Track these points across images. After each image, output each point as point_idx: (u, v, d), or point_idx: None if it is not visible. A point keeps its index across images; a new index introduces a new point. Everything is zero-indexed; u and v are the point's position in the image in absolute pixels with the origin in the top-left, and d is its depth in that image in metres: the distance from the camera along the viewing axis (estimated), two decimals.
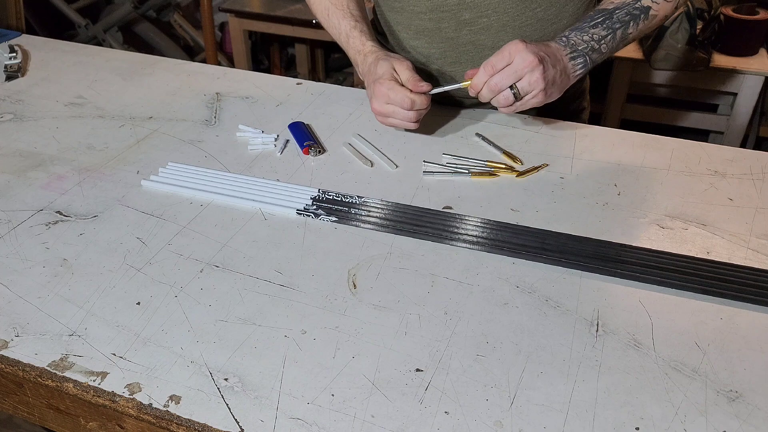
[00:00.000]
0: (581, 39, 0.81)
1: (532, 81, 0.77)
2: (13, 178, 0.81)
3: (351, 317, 0.61)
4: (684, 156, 0.86)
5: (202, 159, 0.85)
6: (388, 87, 0.83)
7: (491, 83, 0.79)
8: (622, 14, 0.82)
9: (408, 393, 0.53)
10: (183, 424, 0.51)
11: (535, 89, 0.78)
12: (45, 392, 0.57)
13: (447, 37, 0.93)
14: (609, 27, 0.81)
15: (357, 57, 0.93)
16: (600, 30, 0.81)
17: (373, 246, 0.70)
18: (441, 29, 0.93)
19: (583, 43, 0.80)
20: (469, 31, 0.92)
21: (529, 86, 0.78)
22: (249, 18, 2.40)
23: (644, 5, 0.82)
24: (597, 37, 0.81)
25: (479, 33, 0.91)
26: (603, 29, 0.81)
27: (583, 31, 0.81)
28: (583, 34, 0.81)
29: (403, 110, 0.84)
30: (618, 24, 0.81)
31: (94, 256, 0.68)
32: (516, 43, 0.77)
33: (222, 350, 0.57)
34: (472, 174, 0.81)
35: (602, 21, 0.81)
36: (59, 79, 1.07)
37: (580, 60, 0.80)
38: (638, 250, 0.69)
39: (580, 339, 0.59)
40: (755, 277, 0.65)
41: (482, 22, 0.90)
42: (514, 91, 0.78)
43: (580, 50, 0.80)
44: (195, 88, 1.04)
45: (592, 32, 0.81)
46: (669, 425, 0.51)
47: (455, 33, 0.92)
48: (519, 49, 0.77)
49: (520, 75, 0.77)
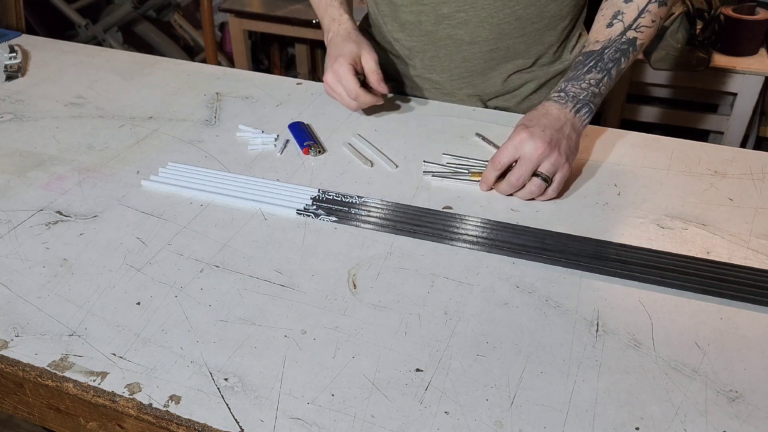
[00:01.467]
0: (579, 88, 0.80)
1: (553, 162, 0.75)
2: (13, 178, 0.81)
3: (351, 317, 0.61)
4: (684, 156, 0.86)
5: (202, 159, 0.85)
6: (345, 70, 0.88)
7: (511, 179, 0.76)
8: (611, 52, 0.81)
9: (408, 393, 0.53)
10: (183, 424, 0.51)
11: (559, 166, 0.76)
12: (45, 392, 0.57)
13: (426, 31, 0.95)
14: (603, 68, 0.81)
15: (331, 24, 0.96)
16: (595, 74, 0.81)
17: (373, 246, 0.70)
18: (421, 22, 0.94)
19: (582, 92, 0.80)
20: (447, 25, 0.93)
21: (553, 167, 0.75)
22: (249, 18, 2.40)
23: (630, 38, 0.82)
24: (594, 81, 0.80)
25: (457, 27, 0.92)
26: (598, 72, 0.81)
27: (579, 80, 0.81)
28: (581, 82, 0.80)
29: (347, 97, 0.90)
30: (611, 63, 0.81)
31: (94, 256, 0.68)
32: (520, 132, 0.76)
33: (222, 350, 0.57)
34: (472, 174, 0.81)
35: (595, 65, 0.81)
36: (59, 79, 1.07)
37: (585, 110, 0.79)
38: (638, 250, 0.69)
39: (580, 339, 0.59)
40: (755, 277, 0.65)
41: (460, 16, 0.91)
42: (543, 176, 0.75)
43: (582, 99, 0.79)
44: (195, 88, 1.04)
45: (588, 78, 0.81)
46: (669, 425, 0.51)
47: (434, 27, 0.94)
48: (524, 140, 0.75)
49: (537, 163, 0.75)
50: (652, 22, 0.83)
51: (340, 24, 0.95)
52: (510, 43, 0.93)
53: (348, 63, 0.88)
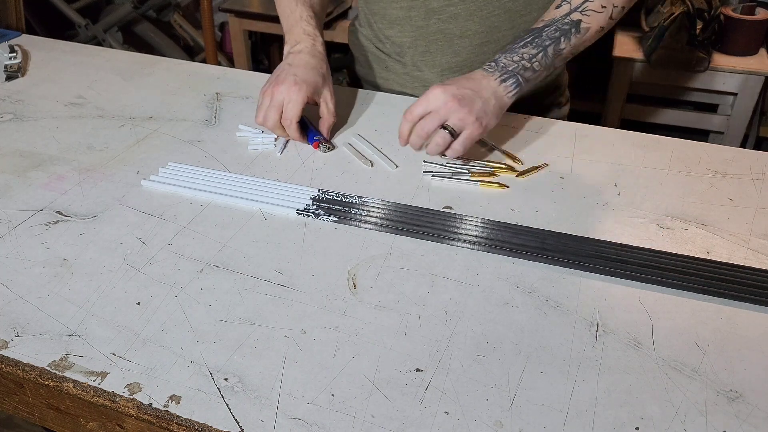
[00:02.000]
0: (511, 60, 0.81)
1: (461, 117, 0.77)
2: (13, 178, 0.81)
3: (351, 317, 0.61)
4: (684, 156, 0.86)
5: (202, 159, 0.85)
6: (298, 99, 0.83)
7: (417, 129, 0.79)
8: (551, 31, 0.82)
9: (408, 393, 0.53)
10: (183, 424, 0.51)
11: (467, 123, 0.78)
12: (45, 392, 0.57)
13: (417, 26, 0.95)
14: (539, 45, 0.81)
15: (303, 38, 0.90)
16: (530, 49, 0.82)
17: (373, 246, 0.70)
18: (411, 17, 0.95)
19: (513, 64, 0.81)
20: (437, 20, 0.93)
21: (460, 122, 0.77)
22: (249, 18, 2.40)
23: (574, 19, 0.82)
24: (527, 56, 0.81)
25: (447, 22, 0.93)
26: (533, 48, 0.81)
27: (512, 52, 0.82)
28: (513, 55, 0.82)
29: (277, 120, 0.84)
30: (548, 41, 0.82)
31: (94, 256, 0.68)
32: (433, 88, 0.78)
33: (222, 350, 0.57)
34: (472, 174, 0.81)
35: (531, 40, 0.82)
36: (59, 79, 1.07)
37: (512, 80, 0.80)
38: (638, 250, 0.69)
39: (580, 339, 0.59)
40: (755, 277, 0.65)
41: (450, 10, 0.92)
42: (449, 129, 0.78)
43: (511, 71, 0.81)
44: (195, 88, 1.04)
45: (522, 52, 0.82)
46: (669, 425, 0.51)
47: (424, 21, 0.94)
48: (436, 94, 0.77)
49: (444, 117, 0.77)
50: (602, 7, 0.82)
51: (315, 44, 0.90)
52: (500, 36, 0.94)
53: (306, 94, 0.83)
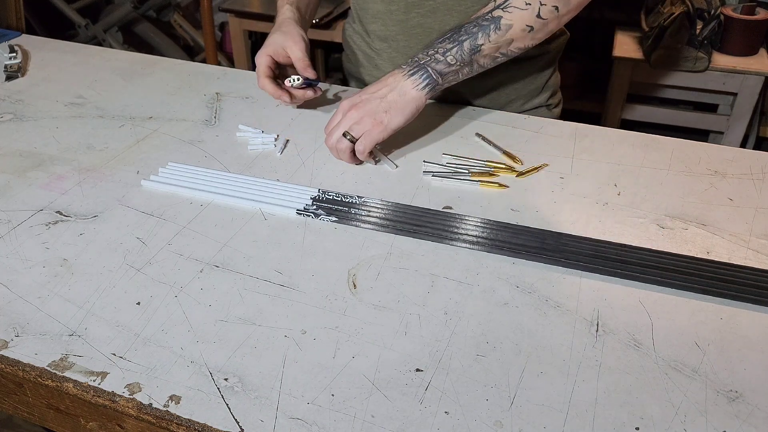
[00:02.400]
0: (425, 54, 0.83)
1: (356, 120, 0.81)
2: (13, 178, 0.81)
3: (351, 317, 0.61)
4: (684, 156, 0.86)
5: (202, 159, 0.85)
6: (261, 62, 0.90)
7: (327, 143, 0.83)
8: (469, 26, 0.82)
9: (408, 393, 0.53)
10: (183, 424, 0.51)
11: (363, 124, 0.80)
12: (45, 392, 0.57)
13: (398, 20, 0.96)
14: (455, 39, 0.82)
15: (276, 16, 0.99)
16: (446, 44, 0.82)
17: (373, 246, 0.70)
18: (392, 11, 0.96)
19: (426, 57, 0.82)
20: (417, 14, 0.94)
21: (358, 126, 0.80)
22: (249, 18, 2.40)
23: (495, 15, 0.82)
24: (442, 50, 0.82)
25: (427, 16, 0.93)
26: (449, 42, 0.82)
27: (429, 47, 0.83)
28: (428, 49, 0.83)
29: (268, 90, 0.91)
30: (465, 36, 0.82)
31: (94, 256, 0.68)
32: (341, 103, 0.83)
33: (222, 350, 0.57)
34: (472, 174, 0.81)
35: (450, 36, 0.83)
36: (59, 79, 1.07)
37: (421, 73, 0.81)
38: (638, 250, 0.69)
39: (580, 339, 0.59)
40: (755, 277, 0.65)
41: (429, 4, 0.93)
42: (349, 137, 0.81)
43: (422, 64, 0.82)
44: (195, 88, 1.04)
45: (438, 47, 0.83)
46: (669, 425, 0.51)
47: (405, 15, 0.95)
48: (340, 107, 0.83)
49: (344, 126, 0.81)
50: (526, 4, 0.81)
51: (278, 16, 0.97)
52: None
53: (266, 55, 0.91)
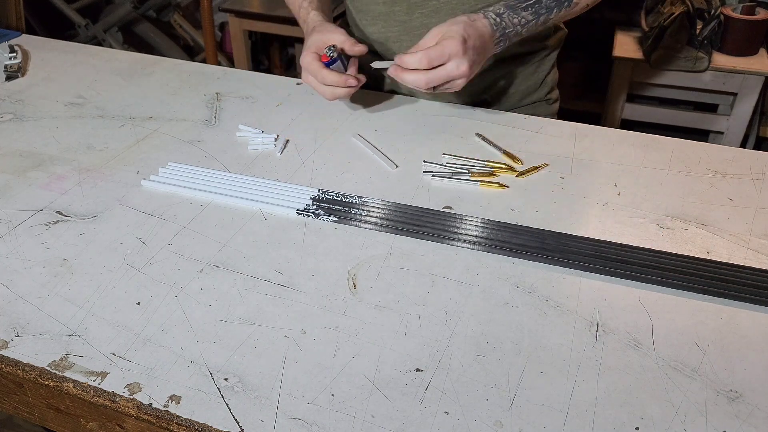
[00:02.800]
0: (511, 21, 0.81)
1: (455, 84, 0.80)
2: (13, 178, 0.81)
3: (351, 317, 0.61)
4: (684, 156, 0.86)
5: (202, 159, 0.85)
6: (309, 59, 0.86)
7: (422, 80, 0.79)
8: (549, 0, 0.82)
9: (408, 393, 0.53)
10: (183, 424, 0.51)
11: (453, 88, 0.81)
12: (45, 392, 0.57)
13: (400, 21, 0.95)
14: (536, 12, 0.82)
15: (304, 28, 0.95)
16: (528, 14, 0.81)
17: (373, 246, 0.70)
18: (394, 12, 0.95)
19: (511, 27, 0.81)
20: (420, 14, 0.93)
21: (450, 87, 0.81)
22: (249, 18, 2.40)
23: None
24: (524, 21, 0.81)
25: (430, 16, 0.93)
26: (530, 14, 0.81)
27: (515, 12, 0.82)
28: (515, 16, 0.81)
29: (319, 85, 0.86)
30: (544, 10, 0.82)
31: (94, 256, 0.68)
32: (456, 44, 0.77)
33: (222, 350, 0.57)
34: (472, 174, 0.81)
35: (533, 4, 0.82)
36: (59, 79, 1.07)
37: (501, 44, 0.82)
38: (638, 250, 0.69)
39: (580, 339, 0.59)
40: (755, 277, 0.65)
41: (432, 4, 0.92)
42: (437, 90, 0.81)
43: (507, 34, 0.81)
44: (195, 88, 1.04)
45: (522, 15, 0.81)
46: (669, 425, 0.51)
47: (407, 16, 0.94)
48: (458, 54, 0.77)
49: (449, 78, 0.79)
50: None
51: (307, 23, 0.94)
52: None
53: (311, 53, 0.87)
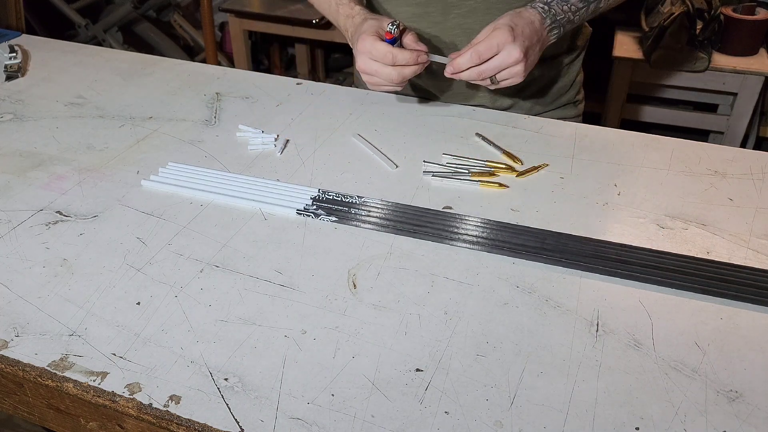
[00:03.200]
0: (561, 9, 0.81)
1: (513, 72, 0.80)
2: (13, 178, 0.81)
3: (351, 317, 0.61)
4: (684, 156, 0.86)
5: (202, 159, 0.85)
6: (371, 42, 0.80)
7: (475, 72, 0.80)
8: None
9: (408, 393, 0.53)
10: (183, 424, 0.51)
11: (514, 78, 0.81)
12: (45, 392, 0.57)
13: (434, 22, 0.93)
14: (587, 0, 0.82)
15: (347, 23, 0.90)
16: (578, 1, 0.82)
17: (373, 246, 0.70)
18: (428, 14, 0.93)
19: (562, 14, 0.81)
20: (456, 15, 0.92)
21: (509, 75, 0.80)
22: (249, 18, 2.40)
23: None
24: (574, 8, 0.82)
25: (466, 16, 0.91)
26: (580, 1, 0.82)
27: (564, 0, 0.82)
28: (563, 4, 0.82)
29: (385, 67, 0.81)
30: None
31: (94, 256, 0.68)
32: (505, 33, 0.77)
33: (222, 350, 0.57)
34: (472, 174, 0.81)
35: None
36: (59, 79, 1.07)
37: (555, 32, 0.81)
38: (638, 250, 0.69)
39: (580, 339, 0.59)
40: (755, 277, 0.65)
41: (468, 4, 0.91)
42: (493, 80, 0.81)
43: (558, 21, 0.81)
44: (195, 88, 1.04)
45: (572, 2, 0.82)
46: (669, 425, 0.51)
47: (442, 17, 0.93)
48: (507, 41, 0.77)
49: (503, 68, 0.79)
50: None
51: (354, 17, 0.89)
52: None
53: (371, 35, 0.81)
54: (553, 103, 1.02)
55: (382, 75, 0.81)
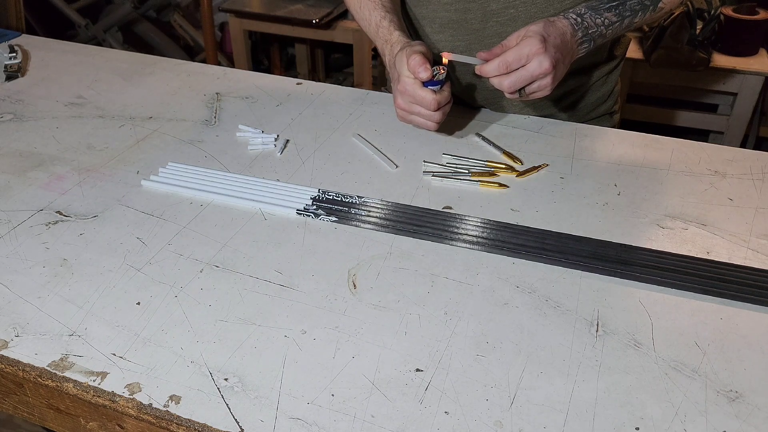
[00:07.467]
0: (594, 22, 0.80)
1: (542, 85, 0.77)
2: (13, 178, 0.81)
3: (351, 317, 0.61)
4: (684, 156, 0.86)
5: (202, 159, 0.85)
6: (413, 87, 0.80)
7: (505, 84, 0.77)
8: (634, 3, 0.81)
9: (408, 393, 0.53)
10: (183, 424, 0.51)
11: (542, 91, 0.78)
12: (45, 392, 0.57)
13: (472, 29, 0.91)
14: (620, 14, 0.80)
15: (384, 47, 0.90)
16: (612, 15, 0.80)
17: (373, 246, 0.70)
18: (467, 20, 0.91)
19: (594, 27, 0.80)
20: (495, 23, 0.89)
21: (537, 88, 0.78)
22: (249, 18, 2.40)
23: None
24: (608, 22, 0.80)
25: (506, 25, 0.89)
26: (614, 15, 0.80)
27: (597, 13, 0.80)
28: (597, 17, 0.80)
29: (428, 111, 0.82)
30: (629, 12, 0.81)
31: (94, 256, 0.68)
32: (536, 43, 0.75)
33: (222, 350, 0.57)
34: (472, 174, 0.81)
35: (616, 6, 0.81)
36: (59, 79, 1.07)
37: (586, 45, 0.80)
38: (638, 250, 0.69)
39: (580, 339, 0.59)
40: (755, 277, 0.65)
41: (509, 13, 0.88)
42: (522, 93, 0.79)
43: (590, 34, 0.80)
44: (195, 88, 1.04)
45: (605, 16, 0.80)
46: (669, 425, 0.51)
47: (481, 24, 0.90)
48: (538, 52, 0.75)
49: (533, 79, 0.77)
50: None
51: (393, 45, 0.88)
52: None
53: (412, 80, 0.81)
54: (589, 113, 1.00)
55: (424, 116, 0.83)
